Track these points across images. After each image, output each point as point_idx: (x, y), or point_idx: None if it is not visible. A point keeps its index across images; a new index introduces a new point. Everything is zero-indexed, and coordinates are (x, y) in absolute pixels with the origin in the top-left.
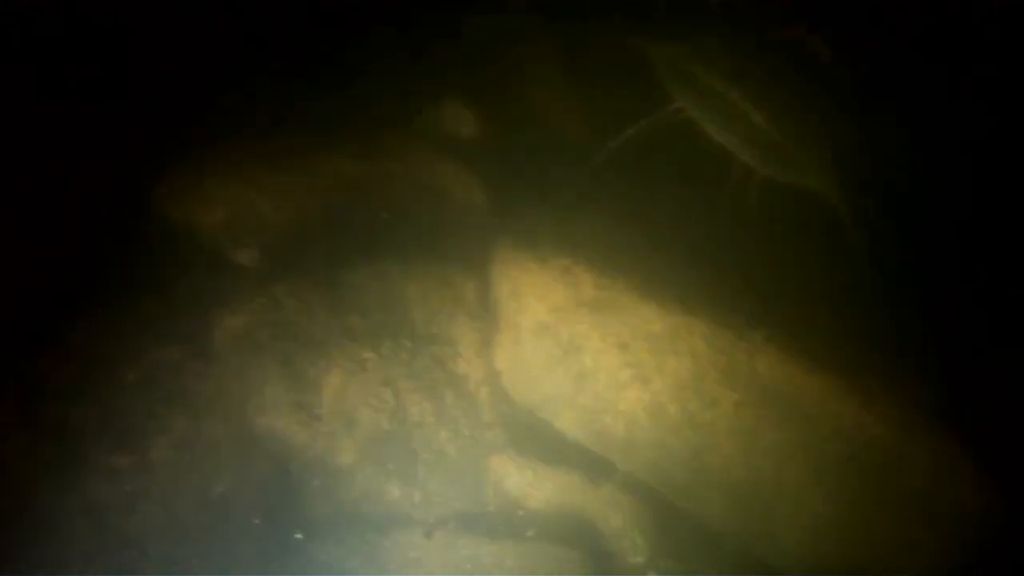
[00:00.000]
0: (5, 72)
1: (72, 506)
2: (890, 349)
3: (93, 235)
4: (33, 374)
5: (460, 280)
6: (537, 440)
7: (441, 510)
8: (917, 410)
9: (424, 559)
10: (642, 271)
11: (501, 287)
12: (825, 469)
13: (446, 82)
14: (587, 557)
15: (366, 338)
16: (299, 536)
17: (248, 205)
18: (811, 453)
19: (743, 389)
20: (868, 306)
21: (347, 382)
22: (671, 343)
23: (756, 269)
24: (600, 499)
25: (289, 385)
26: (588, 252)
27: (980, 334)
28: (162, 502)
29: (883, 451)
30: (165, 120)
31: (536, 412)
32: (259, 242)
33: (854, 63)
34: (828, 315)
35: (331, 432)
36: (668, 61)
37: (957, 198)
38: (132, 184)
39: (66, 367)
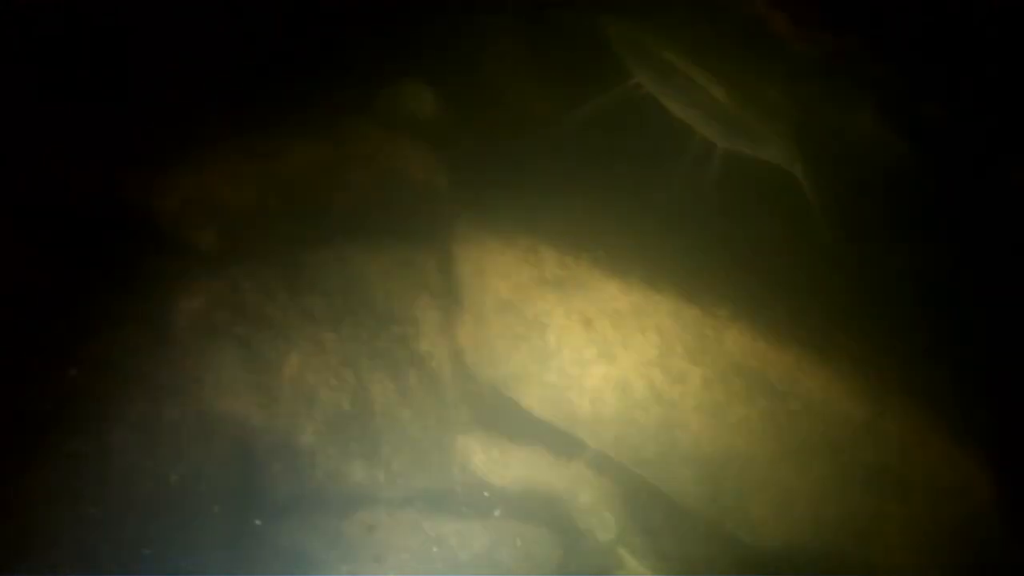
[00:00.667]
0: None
1: (31, 492)
2: (857, 323)
3: (50, 217)
4: None
5: (422, 259)
6: (503, 418)
7: (406, 490)
8: (887, 384)
9: (389, 540)
10: (606, 248)
11: (464, 266)
12: (795, 444)
13: (407, 62)
14: (556, 535)
15: (326, 319)
16: (258, 523)
17: (207, 187)
18: (781, 428)
19: (711, 365)
20: (835, 280)
21: (307, 363)
22: (636, 319)
23: (721, 244)
24: (568, 477)
25: (248, 367)
26: (551, 230)
27: (948, 306)
28: (121, 487)
29: (853, 425)
30: (125, 104)
31: (501, 390)
32: (218, 224)
33: (813, 38)
34: (794, 290)
35: (291, 414)
36: (627, 37)
37: (921, 169)
38: (88, 166)
39: (22, 351)
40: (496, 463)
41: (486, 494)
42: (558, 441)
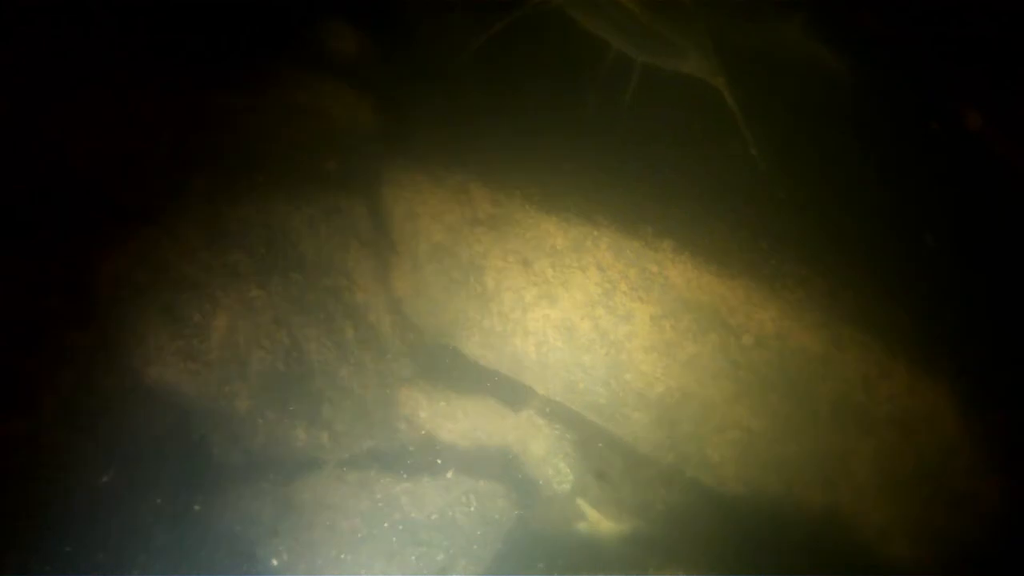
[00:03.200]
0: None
1: None
2: (808, 251)
3: None
4: None
5: (350, 205)
6: (446, 368)
7: (352, 451)
8: (843, 314)
9: (339, 503)
10: (540, 183)
11: (394, 210)
12: (751, 381)
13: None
14: (511, 489)
15: (252, 275)
16: (198, 508)
17: (124, 141)
18: (735, 364)
19: (657, 301)
20: (779, 207)
21: (236, 324)
22: (576, 257)
23: (656, 171)
24: (519, 426)
25: (174, 332)
26: (482, 167)
27: (902, 233)
28: (59, 468)
29: (809, 358)
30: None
31: (442, 339)
32: (135, 179)
33: None
34: (738, 218)
35: (224, 378)
36: None
37: (859, 87)
38: None
39: None
40: (443, 416)
41: (435, 448)
42: (505, 389)
